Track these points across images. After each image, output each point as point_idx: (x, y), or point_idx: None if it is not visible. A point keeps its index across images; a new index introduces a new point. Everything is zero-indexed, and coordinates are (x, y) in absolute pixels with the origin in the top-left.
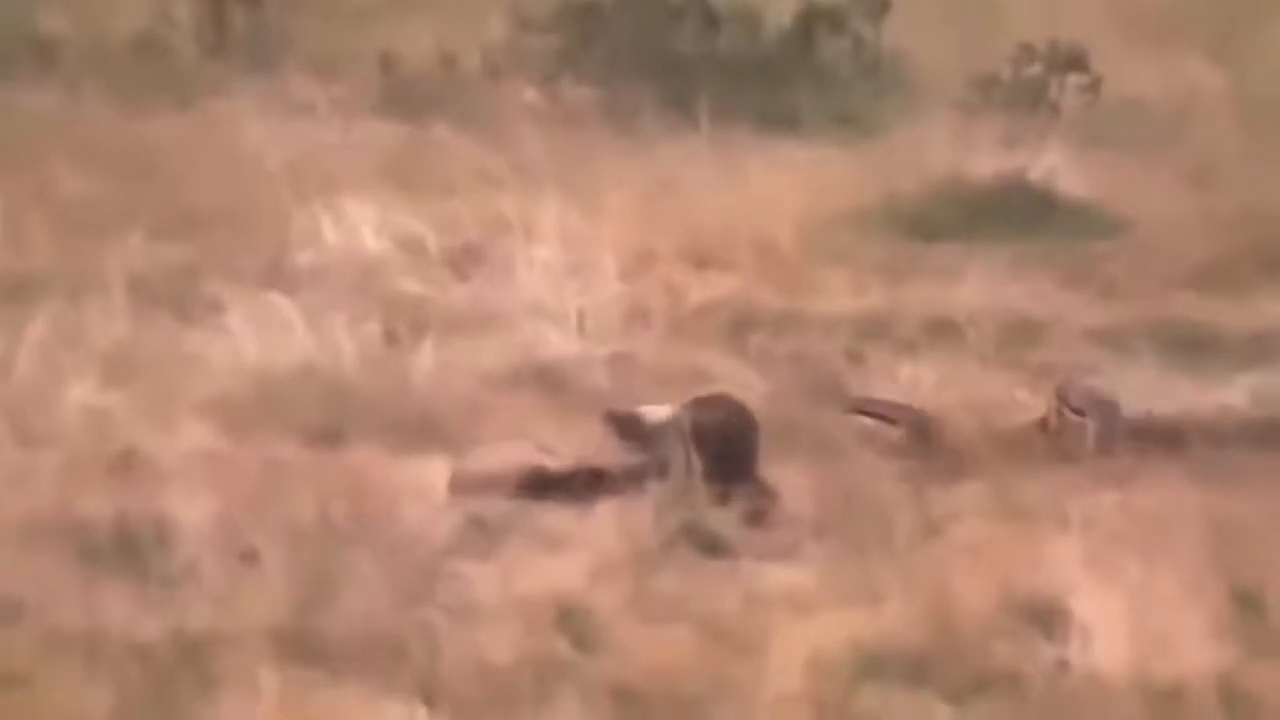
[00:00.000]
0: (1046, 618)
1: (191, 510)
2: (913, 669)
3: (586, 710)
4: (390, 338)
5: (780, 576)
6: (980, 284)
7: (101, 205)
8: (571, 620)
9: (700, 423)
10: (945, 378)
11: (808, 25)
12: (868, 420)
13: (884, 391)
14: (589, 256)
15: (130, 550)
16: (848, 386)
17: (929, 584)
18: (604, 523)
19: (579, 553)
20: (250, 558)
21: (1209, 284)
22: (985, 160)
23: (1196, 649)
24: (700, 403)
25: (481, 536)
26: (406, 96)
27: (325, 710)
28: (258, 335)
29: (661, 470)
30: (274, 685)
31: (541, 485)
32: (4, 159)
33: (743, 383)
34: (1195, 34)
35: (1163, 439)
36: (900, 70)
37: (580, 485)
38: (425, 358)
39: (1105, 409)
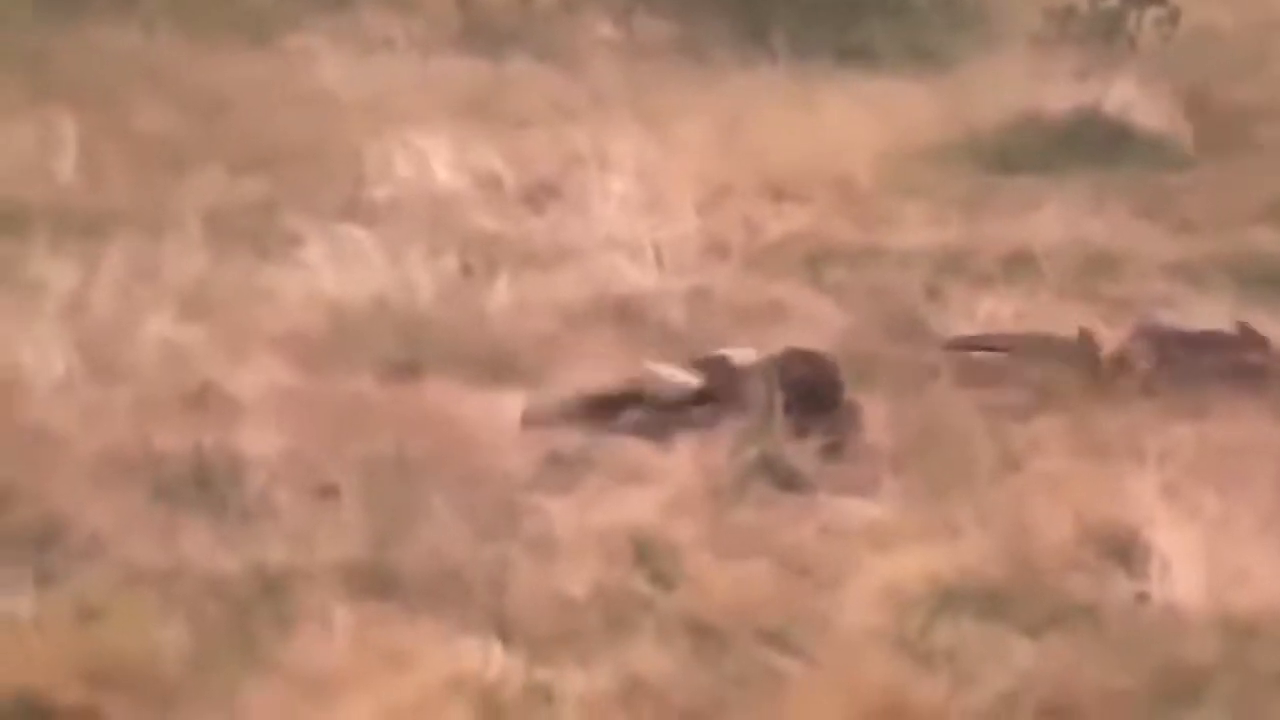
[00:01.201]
0: (1124, 551)
1: (268, 445)
2: (991, 603)
3: (663, 645)
4: (466, 272)
5: (858, 511)
6: (1056, 218)
7: (178, 141)
8: (649, 555)
9: (787, 371)
10: (1022, 311)
11: None
12: (976, 354)
13: (962, 326)
14: (665, 190)
15: (207, 486)
16: (926, 321)
17: (1007, 518)
18: (681, 457)
19: (657, 487)
20: (327, 493)
21: None
22: (1061, 93)
23: (1274, 581)
24: (790, 354)
25: (559, 470)
26: (483, 31)
27: (400, 646)
28: (334, 269)
29: (741, 408)
30: (349, 621)
31: (614, 408)
32: (81, 95)
33: (820, 317)
34: None
35: (1239, 373)
36: (976, 2)
37: (656, 412)
38: (501, 292)
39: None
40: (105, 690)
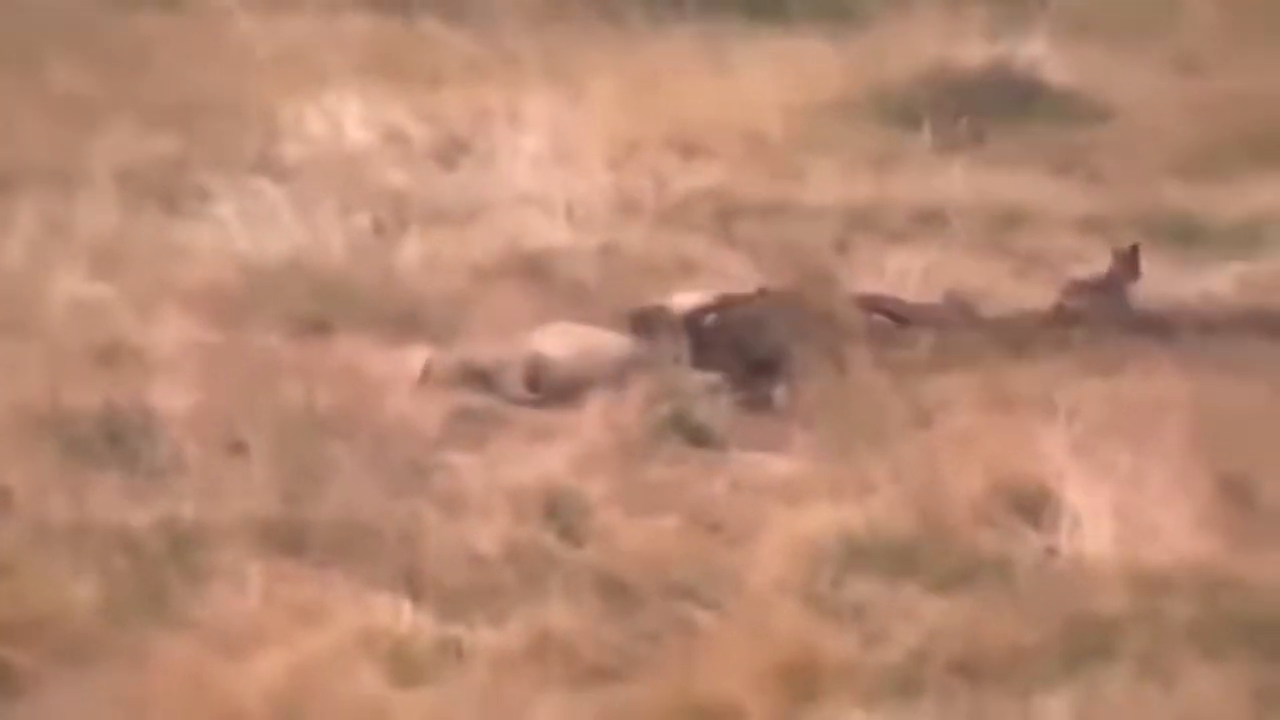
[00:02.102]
0: (1035, 507)
1: (179, 401)
2: (901, 558)
3: (574, 601)
4: (377, 229)
5: (769, 467)
6: (967, 173)
7: (90, 97)
8: (559, 511)
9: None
10: (933, 267)
11: None
12: (880, 317)
13: (871, 283)
14: (576, 147)
15: (117, 442)
16: (837, 277)
17: (917, 474)
18: (592, 413)
19: (567, 443)
20: (237, 449)
21: (1196, 171)
22: (972, 50)
23: (1184, 537)
24: (728, 300)
25: (469, 427)
26: None
27: (311, 601)
28: (246, 226)
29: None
30: (260, 576)
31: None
32: None
33: (731, 272)
34: None
35: (1150, 327)
36: None
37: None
38: (412, 248)
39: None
40: (16, 645)
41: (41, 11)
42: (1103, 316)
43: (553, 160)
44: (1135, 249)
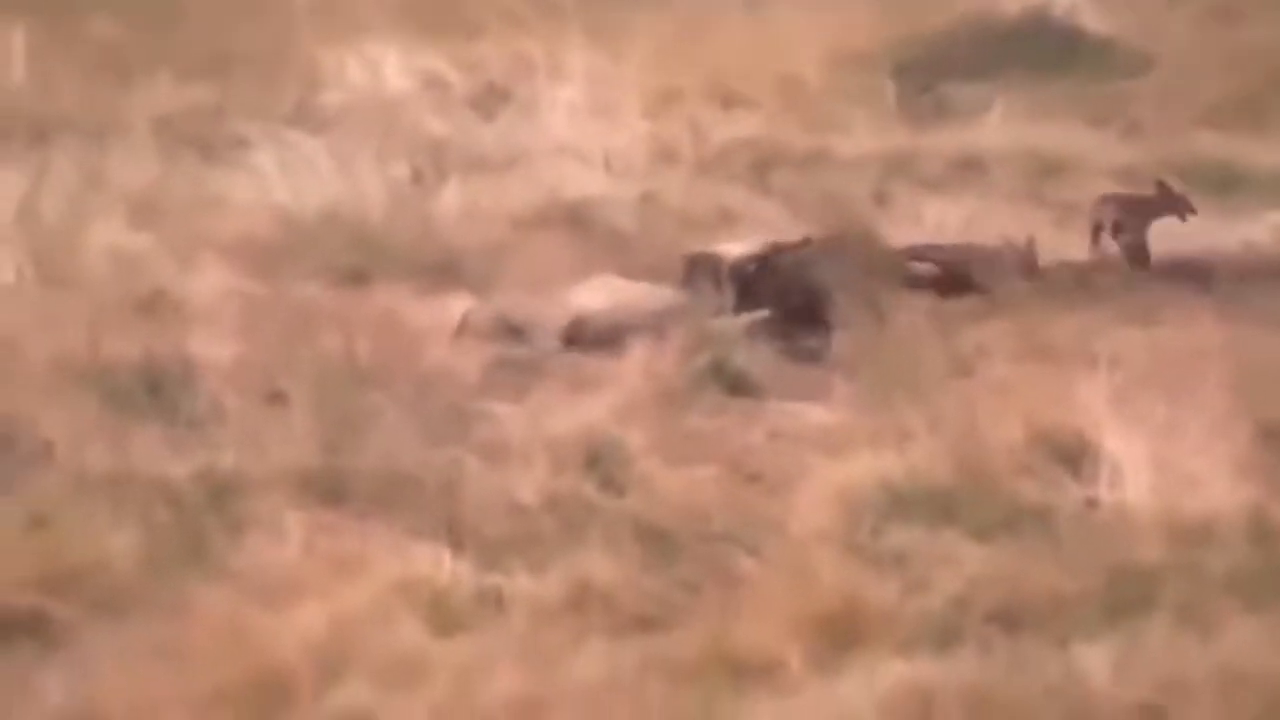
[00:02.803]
0: (1074, 456)
1: (218, 351)
2: (941, 507)
3: (613, 550)
4: (415, 178)
5: (809, 416)
6: (1005, 123)
7: (127, 48)
8: (599, 460)
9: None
10: (971, 216)
11: None
12: (921, 266)
13: (909, 231)
14: (614, 96)
15: (157, 392)
16: (876, 226)
17: (957, 423)
18: (632, 363)
19: (607, 393)
20: (277, 399)
21: (1233, 121)
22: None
23: (1222, 485)
24: (775, 248)
25: (509, 376)
26: None
27: (351, 551)
28: (283, 176)
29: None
30: (300, 526)
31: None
32: (31, 3)
33: (768, 221)
34: None
35: (1189, 276)
36: None
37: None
38: (450, 198)
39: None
40: (56, 596)
41: None
42: (1123, 242)
43: (591, 110)
44: (1176, 194)
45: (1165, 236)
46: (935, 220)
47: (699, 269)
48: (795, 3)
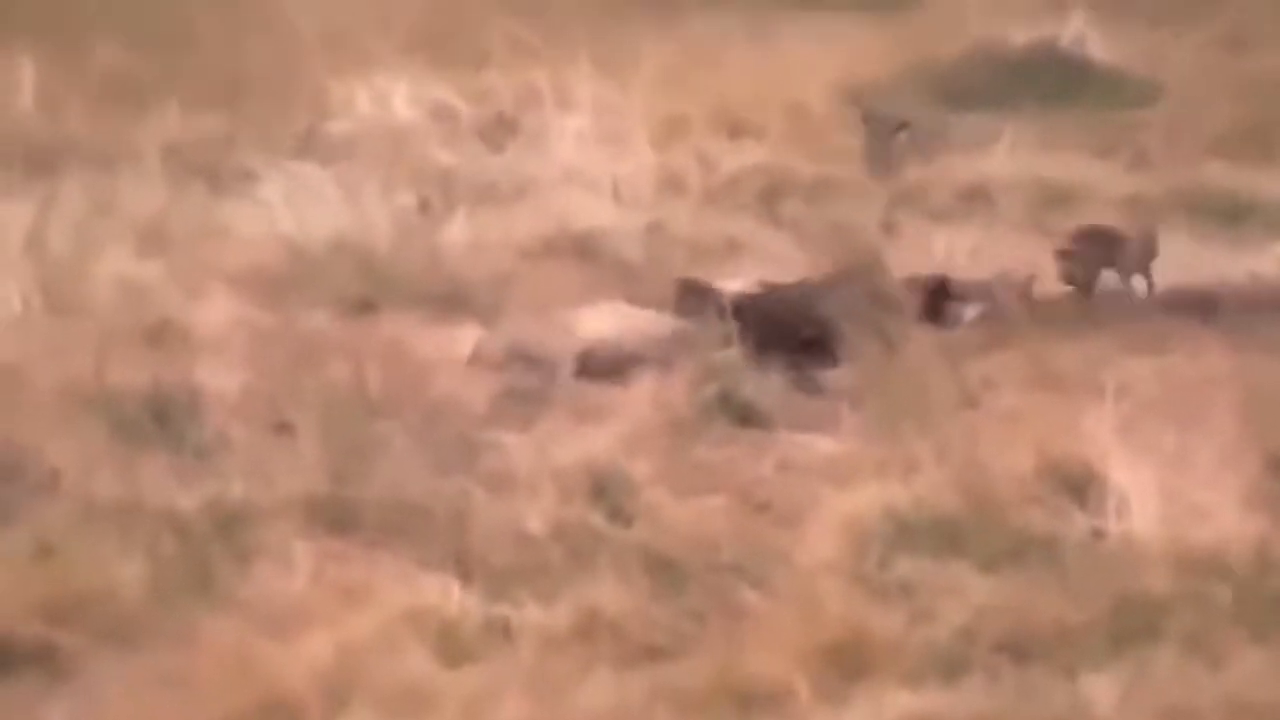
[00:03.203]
0: (1081, 486)
1: (225, 381)
2: (948, 538)
3: (621, 580)
4: (423, 208)
5: (817, 446)
6: (1012, 152)
7: (136, 78)
8: (607, 490)
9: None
10: (978, 246)
11: None
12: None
13: (919, 261)
14: (622, 126)
15: (165, 421)
16: (883, 255)
17: (964, 454)
18: (640, 393)
19: (615, 423)
20: (284, 429)
21: (1241, 151)
22: (1018, 28)
23: (1230, 515)
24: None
25: (517, 406)
26: None
27: (359, 581)
28: (291, 206)
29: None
30: (308, 556)
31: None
32: (39, 29)
33: (776, 251)
34: None
35: (1196, 306)
36: None
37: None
38: (458, 228)
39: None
40: (64, 626)
41: None
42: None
43: (599, 140)
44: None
45: (1173, 267)
46: (943, 250)
47: (693, 298)
48: (803, 33)
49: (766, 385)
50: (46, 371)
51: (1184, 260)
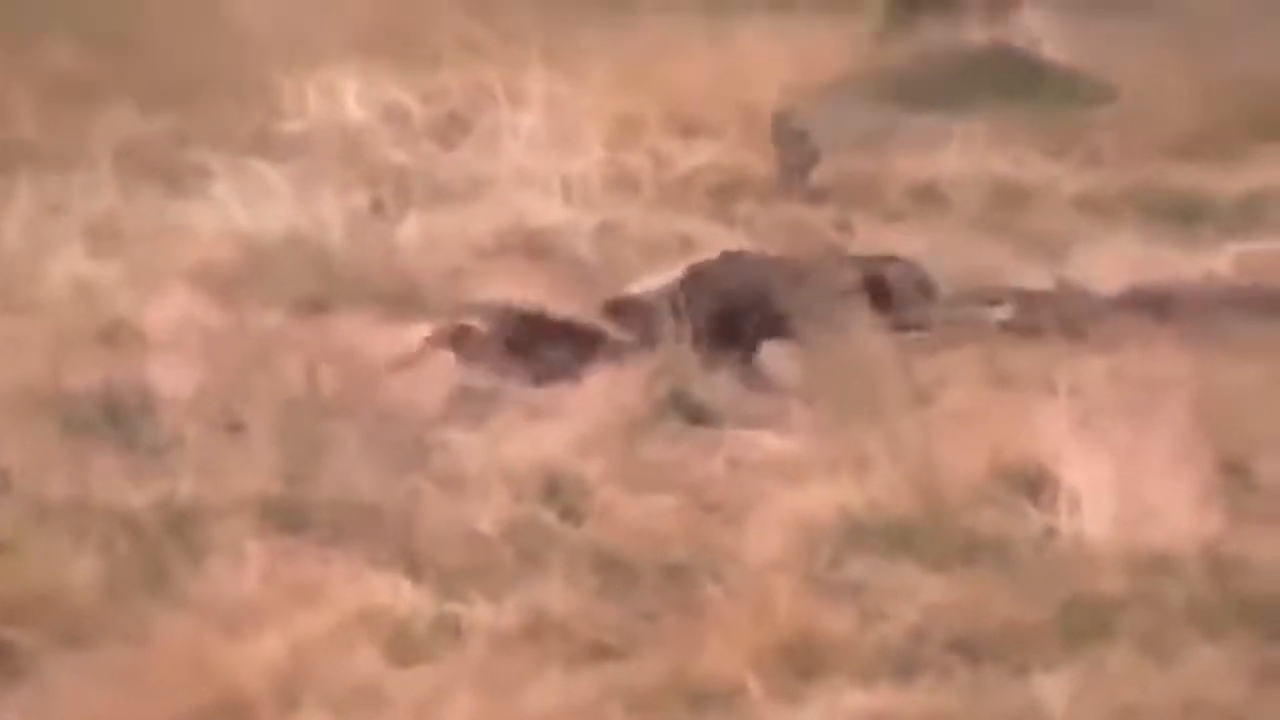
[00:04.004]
0: (1034, 485)
1: (178, 380)
2: (900, 536)
3: (572, 580)
4: (376, 207)
5: (767, 444)
6: (966, 152)
7: (88, 76)
8: (558, 490)
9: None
10: (932, 245)
11: None
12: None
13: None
14: (575, 125)
15: (117, 420)
16: (838, 254)
17: (916, 452)
18: (592, 392)
19: (567, 422)
20: (237, 427)
21: (1196, 151)
22: (972, 27)
23: (1184, 516)
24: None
25: (469, 405)
26: None
27: (310, 580)
28: (245, 204)
29: (651, 343)
30: (259, 555)
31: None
32: None
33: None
34: None
35: (1150, 306)
36: None
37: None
38: (411, 227)
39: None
40: (15, 625)
41: None
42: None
43: (551, 139)
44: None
45: (1128, 266)
46: (896, 249)
47: (626, 310)
48: (758, 32)
49: (718, 383)
50: None
51: (1138, 259)
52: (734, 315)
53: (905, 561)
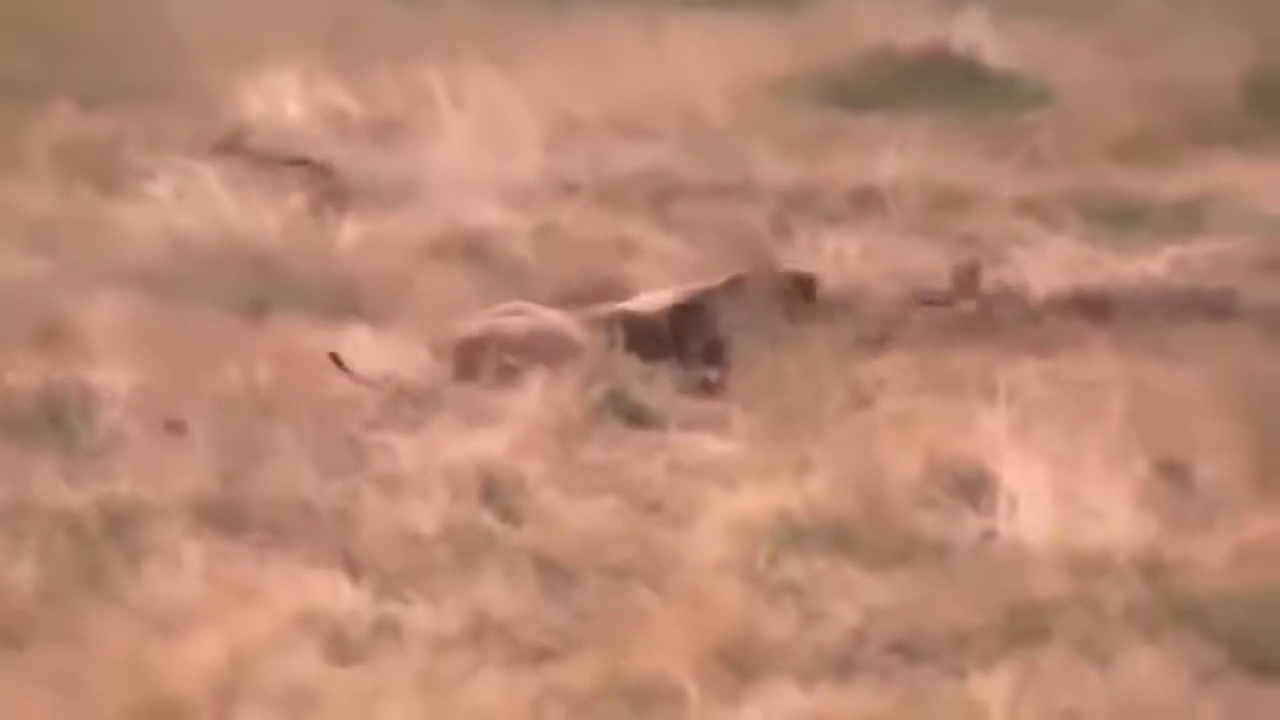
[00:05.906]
0: (972, 488)
1: (117, 380)
2: (839, 539)
3: (511, 581)
4: (314, 208)
5: (707, 447)
6: (904, 155)
7: (25, 76)
8: (497, 491)
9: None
10: (870, 248)
11: None
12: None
13: (810, 262)
14: (513, 126)
15: (56, 421)
16: (776, 257)
17: (856, 455)
18: (531, 394)
19: (505, 424)
20: (175, 428)
21: (1133, 154)
22: (911, 30)
23: (1120, 518)
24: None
25: (408, 407)
26: None
27: (249, 581)
28: (182, 205)
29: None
30: (198, 556)
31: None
32: None
33: (668, 253)
34: None
35: (1087, 309)
36: None
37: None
38: (349, 228)
39: None
40: None
41: None
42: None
43: (490, 140)
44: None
45: (1065, 269)
46: (834, 252)
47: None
48: (697, 32)
49: (657, 386)
50: None
51: (1075, 262)
52: (676, 331)
53: (845, 563)
